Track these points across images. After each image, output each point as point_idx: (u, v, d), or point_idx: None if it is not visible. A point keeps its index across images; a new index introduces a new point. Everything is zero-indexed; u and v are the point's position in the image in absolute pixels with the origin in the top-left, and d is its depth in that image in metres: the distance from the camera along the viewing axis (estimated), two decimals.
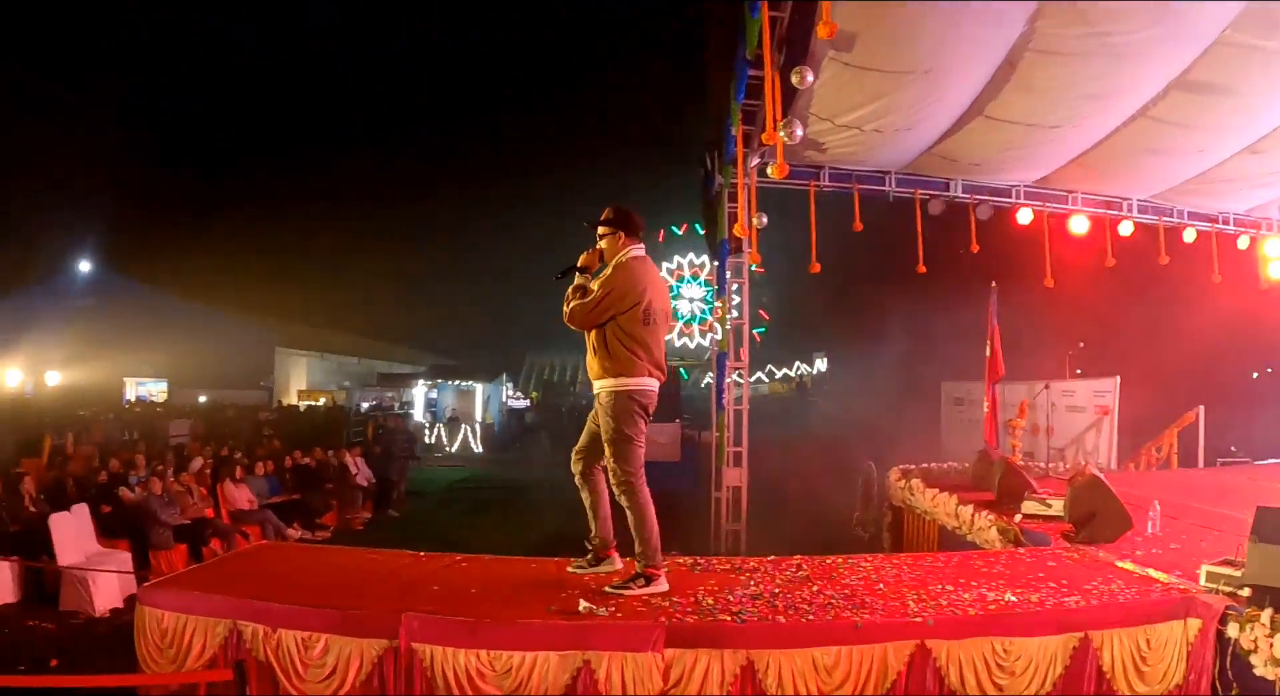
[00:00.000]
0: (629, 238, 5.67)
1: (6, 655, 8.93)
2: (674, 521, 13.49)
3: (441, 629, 4.79)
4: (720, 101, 12.83)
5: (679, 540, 11.71)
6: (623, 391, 5.55)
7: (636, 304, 5.49)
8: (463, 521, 17.64)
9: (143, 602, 5.46)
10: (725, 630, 4.76)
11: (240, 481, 14.41)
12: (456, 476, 25.93)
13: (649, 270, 5.67)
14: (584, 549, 6.00)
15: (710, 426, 15.29)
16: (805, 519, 13.09)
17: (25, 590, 11.06)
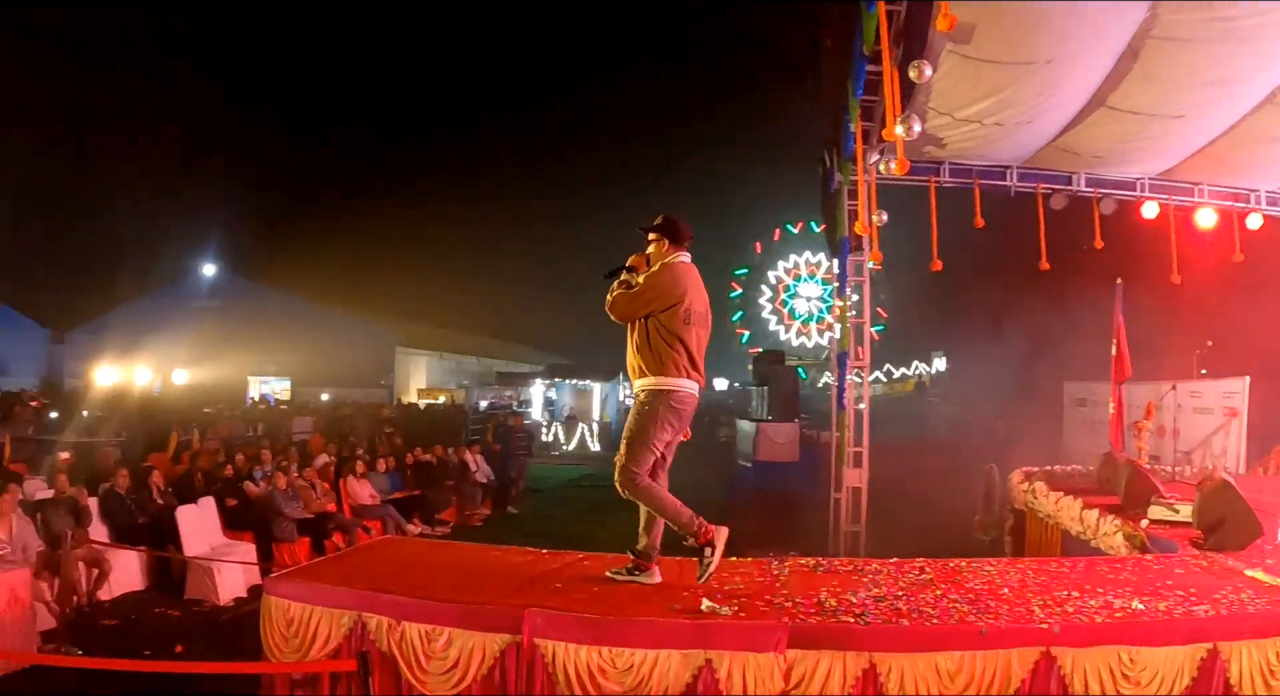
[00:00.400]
0: (674, 245, 5.84)
1: (133, 640, 9.24)
2: (793, 522, 13.52)
3: (565, 625, 4.82)
4: (838, 98, 12.72)
5: (798, 541, 11.67)
6: (662, 392, 5.66)
7: (677, 303, 5.61)
8: (580, 519, 17.72)
9: (269, 593, 5.57)
10: (848, 632, 4.71)
11: (362, 477, 14.68)
12: (574, 474, 26.08)
13: (691, 275, 5.79)
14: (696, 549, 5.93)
15: (828, 426, 15.18)
16: (924, 521, 12.90)
17: (152, 579, 11.42)
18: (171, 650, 8.91)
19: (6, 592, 8.35)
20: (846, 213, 13.07)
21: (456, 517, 16.45)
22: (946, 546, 8.50)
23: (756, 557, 6.39)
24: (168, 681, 7.41)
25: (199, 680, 7.38)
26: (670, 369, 5.61)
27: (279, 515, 12.31)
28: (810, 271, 32.02)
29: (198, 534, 11.59)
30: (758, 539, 11.89)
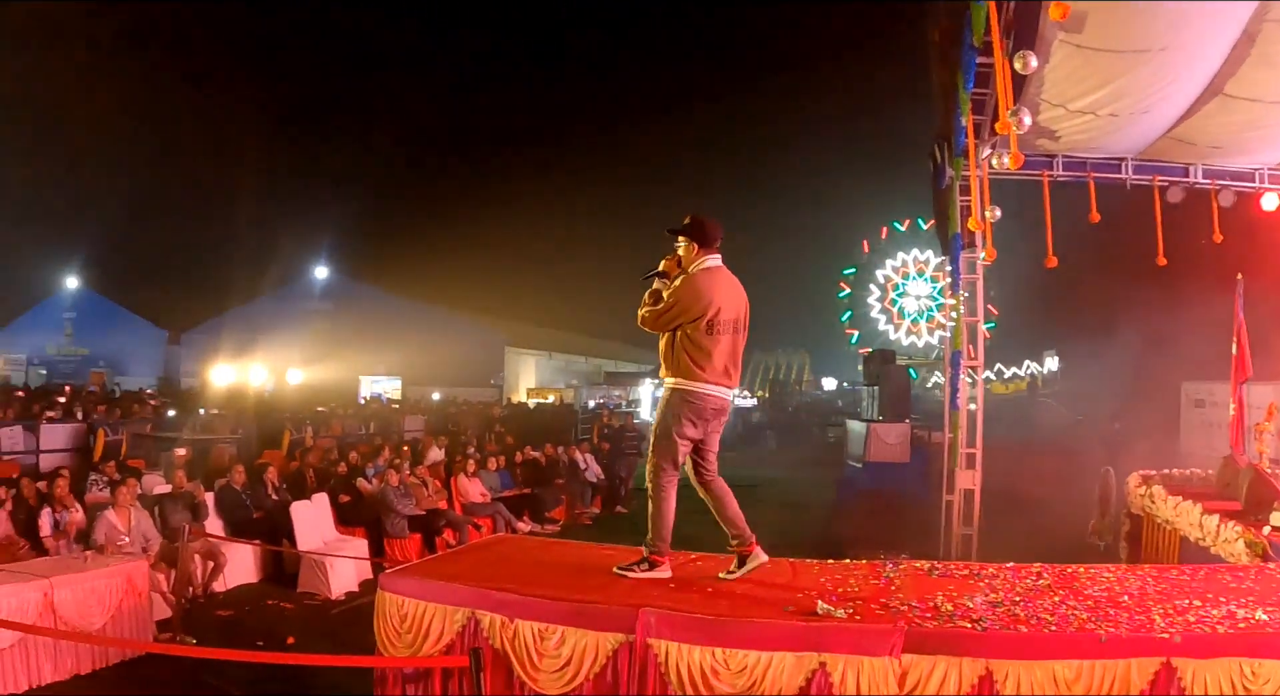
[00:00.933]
0: (703, 248, 5.88)
1: (246, 631, 9.47)
2: (904, 524, 13.36)
3: (678, 625, 4.79)
4: (948, 92, 12.53)
5: (909, 543, 11.52)
6: (680, 391, 5.83)
7: (700, 316, 5.69)
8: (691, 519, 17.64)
9: (384, 588, 5.62)
10: (965, 637, 4.61)
11: (473, 475, 14.87)
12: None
13: (718, 282, 5.83)
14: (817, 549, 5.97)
15: (939, 427, 14.96)
16: (1038, 525, 12.65)
17: (266, 572, 11.78)
18: (283, 641, 9.11)
19: (125, 583, 8.60)
20: (959, 209, 12.86)
21: (566, 516, 16.56)
22: (1060, 551, 8.30)
23: (869, 560, 6.29)
24: (280, 672, 7.56)
25: (311, 671, 7.51)
26: (693, 372, 5.75)
27: (391, 511, 12.51)
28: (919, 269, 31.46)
29: (311, 529, 11.85)
30: (869, 541, 11.78)
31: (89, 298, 53.84)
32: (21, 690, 7.60)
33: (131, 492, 10.18)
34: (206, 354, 42.15)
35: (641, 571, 5.82)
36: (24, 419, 17.91)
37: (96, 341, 51.43)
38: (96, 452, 14.98)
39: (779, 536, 14.73)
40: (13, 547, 9.80)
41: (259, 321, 43.95)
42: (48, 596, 7.92)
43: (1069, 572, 6.02)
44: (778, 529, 16.05)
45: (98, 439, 15.48)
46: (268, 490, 12.52)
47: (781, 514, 18.21)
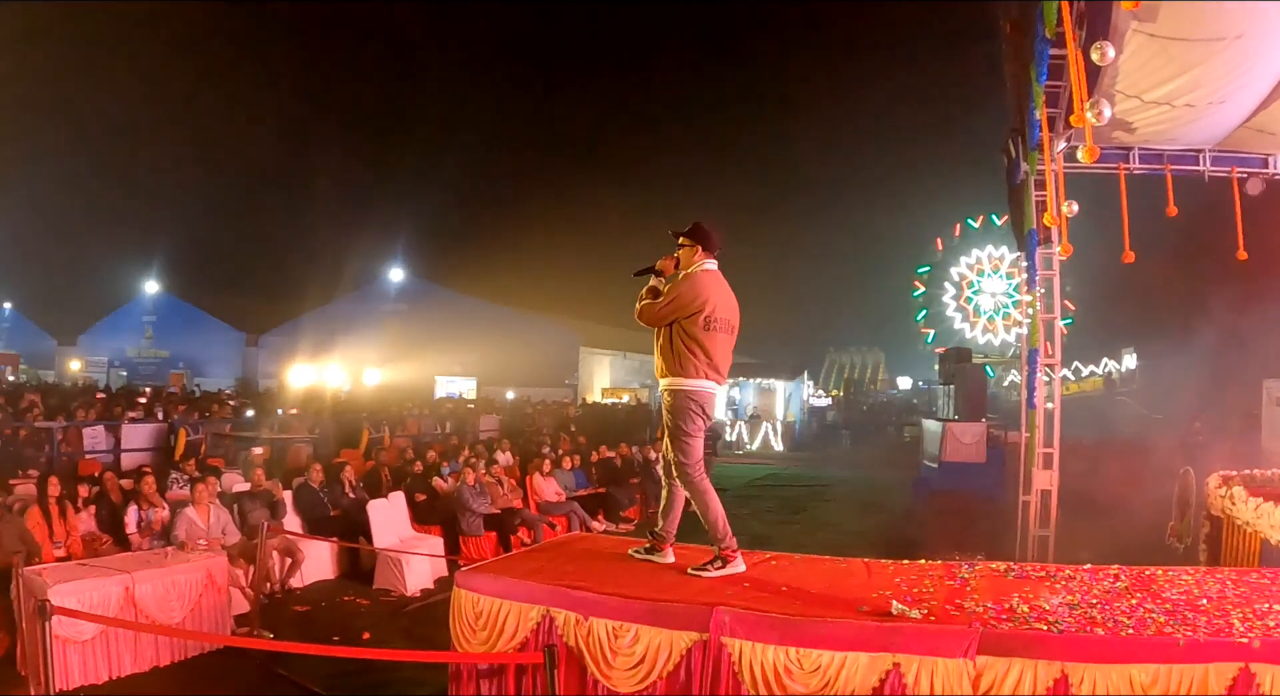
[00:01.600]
0: (704, 252, 6.13)
1: (323, 626, 9.61)
2: (979, 524, 13.24)
3: (753, 624, 4.78)
4: (1020, 85, 12.37)
5: (984, 544, 11.41)
6: (680, 390, 6.03)
7: (698, 311, 5.91)
8: (765, 518, 17.72)
9: (460, 586, 5.68)
10: (1040, 639, 4.53)
11: (548, 474, 14.95)
12: (758, 474, 26.09)
13: (716, 283, 6.08)
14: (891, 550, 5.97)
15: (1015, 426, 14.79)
16: (1115, 526, 12.47)
17: (342, 568, 11.93)
18: (359, 636, 9.21)
19: (204, 578, 8.80)
20: (1034, 204, 12.69)
21: (640, 515, 16.60)
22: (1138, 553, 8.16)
23: (944, 561, 6.24)
24: (355, 666, 7.66)
25: (386, 666, 7.61)
26: (689, 370, 5.97)
27: (466, 510, 12.60)
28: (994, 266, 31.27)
29: (387, 527, 12.00)
30: (944, 541, 11.69)
31: (169, 301, 54.83)
32: (102, 681, 7.77)
33: (211, 490, 10.37)
34: (284, 355, 42.80)
35: (715, 570, 5.90)
36: (106, 419, 18.26)
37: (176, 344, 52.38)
38: (178, 451, 15.24)
39: (853, 536, 14.78)
40: (95, 543, 10.03)
41: (336, 323, 44.50)
42: (129, 590, 8.13)
43: (1147, 575, 5.93)
44: (852, 529, 16.09)
45: (179, 438, 15.75)
46: (345, 489, 12.69)
47: (856, 514, 18.19)
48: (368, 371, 41.04)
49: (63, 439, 15.73)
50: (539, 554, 6.57)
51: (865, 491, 22.25)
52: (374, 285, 49.38)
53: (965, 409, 19.41)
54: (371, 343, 42.54)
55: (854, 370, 67.88)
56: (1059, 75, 10.81)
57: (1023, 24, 11.51)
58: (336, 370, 38.11)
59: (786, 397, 38.89)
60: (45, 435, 15.63)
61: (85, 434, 16.39)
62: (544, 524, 13.28)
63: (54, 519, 9.76)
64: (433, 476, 14.07)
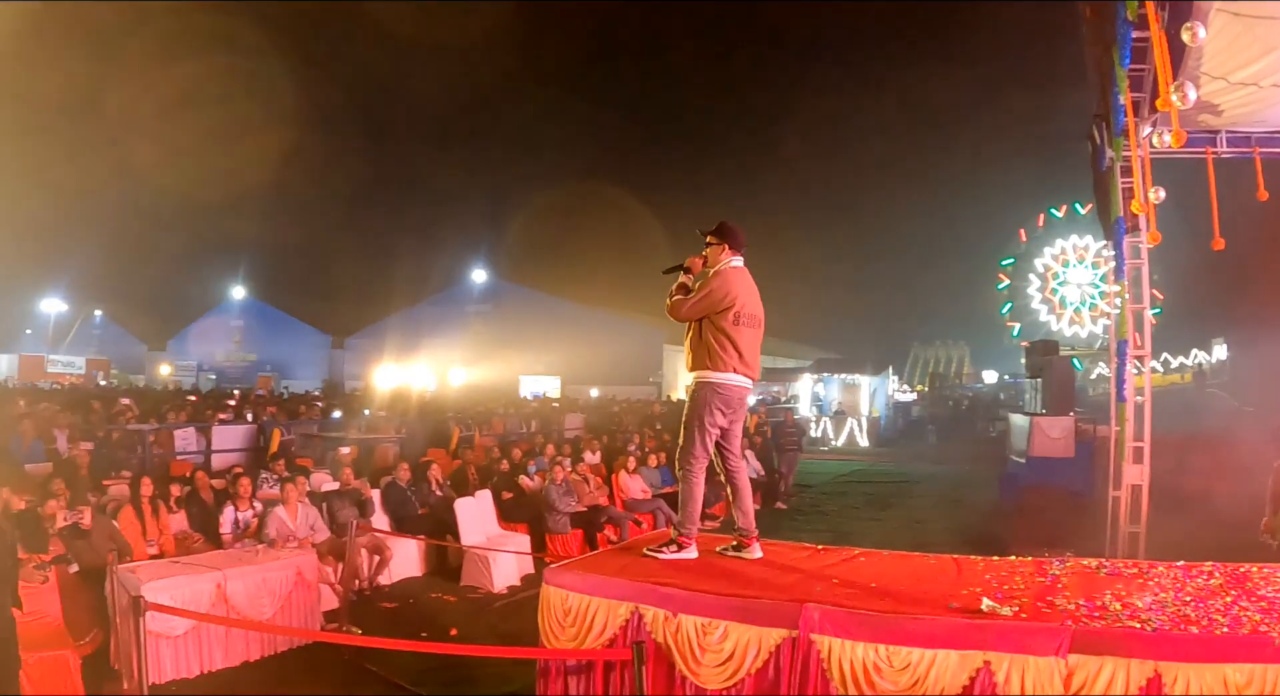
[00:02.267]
0: (731, 250, 6.31)
1: (410, 622, 9.70)
2: (1068, 520, 13.03)
3: (842, 621, 4.76)
4: (1103, 70, 12.14)
5: (1073, 541, 11.24)
6: (708, 383, 6.20)
7: (729, 307, 6.11)
8: (850, 514, 17.65)
9: (549, 583, 5.72)
10: (1133, 638, 4.44)
11: (634, 472, 15.00)
12: (843, 470, 25.99)
13: (743, 279, 6.29)
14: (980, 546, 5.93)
15: (1104, 419, 14.54)
16: (1206, 522, 12.20)
17: (430, 566, 12.07)
18: (447, 633, 9.28)
19: (294, 575, 8.97)
20: (1120, 191, 12.47)
21: (725, 513, 16.50)
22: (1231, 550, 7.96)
23: (1034, 557, 6.16)
24: (443, 662, 7.73)
25: (473, 662, 7.66)
26: (719, 364, 6.15)
27: (553, 508, 12.66)
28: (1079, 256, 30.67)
29: (474, 525, 12.10)
30: (1032, 538, 11.53)
31: (256, 306, 55.88)
32: (193, 675, 7.96)
33: (301, 490, 10.54)
34: (369, 357, 43.39)
35: (670, 552, 6.17)
36: (196, 421, 18.61)
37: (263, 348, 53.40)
38: (272, 448, 15.54)
39: (940, 532, 14.65)
40: (188, 541, 10.22)
41: (421, 324, 45.09)
42: (220, 587, 8.33)
43: (1241, 572, 5.78)
44: (939, 525, 15.95)
45: (273, 437, 16.03)
46: (431, 487, 12.80)
47: (942, 509, 18.04)
48: (453, 371, 41.41)
49: (155, 441, 16.05)
50: (627, 551, 6.58)
51: (952, 487, 22.07)
52: (458, 287, 49.94)
53: (1053, 402, 19.12)
54: (456, 343, 43.03)
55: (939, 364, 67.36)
56: (1142, 58, 10.63)
57: (1103, 7, 11.31)
58: (422, 371, 38.47)
59: (871, 393, 38.62)
60: (138, 437, 15.93)
61: (176, 435, 16.73)
62: (630, 521, 13.30)
63: (147, 518, 9.97)
64: (519, 474, 14.18)
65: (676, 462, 6.55)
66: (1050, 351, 21.60)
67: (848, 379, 38.48)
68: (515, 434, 22.15)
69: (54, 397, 25.38)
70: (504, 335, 43.08)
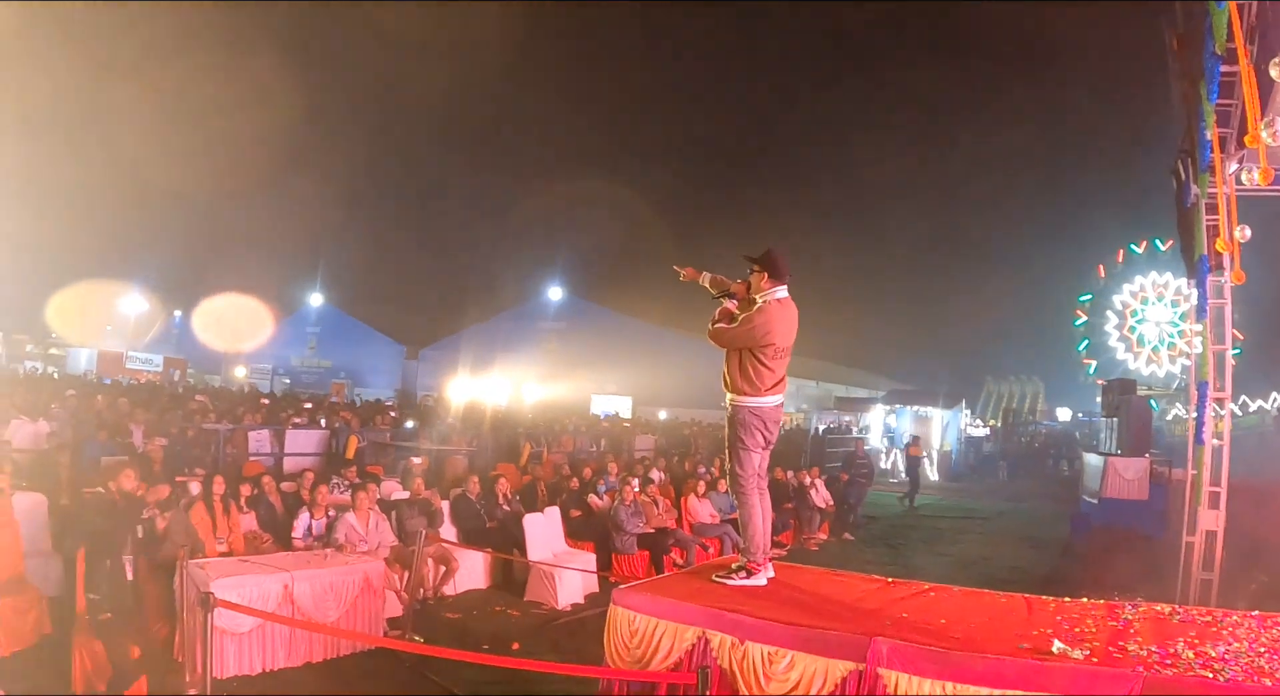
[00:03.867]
0: (772, 280, 6.34)
1: (473, 634, 9.76)
2: (1140, 564, 12.83)
3: (911, 656, 4.72)
4: (1190, 104, 12.00)
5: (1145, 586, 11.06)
6: (745, 406, 6.32)
7: (772, 343, 6.22)
8: (919, 548, 17.51)
9: (616, 603, 5.74)
10: (1205, 686, 4.37)
11: (703, 496, 15.00)
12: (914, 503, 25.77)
13: (785, 313, 6.33)
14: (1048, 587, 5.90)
15: (1179, 462, 14.32)
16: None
17: (495, 579, 12.12)
18: (509, 646, 9.33)
19: (361, 580, 9.08)
20: (1205, 228, 12.28)
21: (793, 541, 16.55)
22: None
23: (1107, 600, 6.09)
24: (505, 676, 7.77)
25: (534, 678, 7.69)
26: (758, 389, 6.27)
27: (620, 529, 12.68)
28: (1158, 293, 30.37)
29: (541, 541, 12.15)
30: (1103, 581, 11.38)
31: (332, 313, 56.55)
32: (255, 672, 8.09)
33: (371, 497, 10.66)
34: (442, 369, 43.77)
35: (740, 579, 6.19)
36: (271, 424, 18.85)
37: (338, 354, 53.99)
38: (349, 452, 15.74)
39: (1009, 570, 14.51)
40: (258, 541, 10.37)
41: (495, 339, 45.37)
42: (288, 588, 8.46)
43: None
44: (1008, 563, 15.78)
45: (350, 443, 16.21)
46: (500, 501, 12.88)
47: (1012, 547, 17.85)
48: (525, 387, 41.61)
49: (229, 440, 16.29)
50: (696, 575, 6.58)
51: (1022, 525, 21.82)
52: (533, 303, 50.24)
53: (1128, 443, 18.86)
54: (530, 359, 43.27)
55: (1012, 400, 66.52)
56: (1230, 93, 10.48)
57: (1191, 39, 11.19)
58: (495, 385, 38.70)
59: (944, 426, 38.30)
60: (212, 436, 16.18)
61: (250, 437, 16.93)
62: (697, 545, 13.30)
63: (218, 516, 10.13)
64: (588, 493, 14.23)
65: (729, 489, 6.66)
66: (1127, 390, 21.31)
67: (920, 411, 38.17)
68: (585, 452, 22.23)
69: (131, 393, 25.78)
70: (577, 353, 43.22)
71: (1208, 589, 11.49)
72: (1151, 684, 4.38)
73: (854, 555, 16.02)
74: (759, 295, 6.32)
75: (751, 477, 6.38)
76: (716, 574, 6.26)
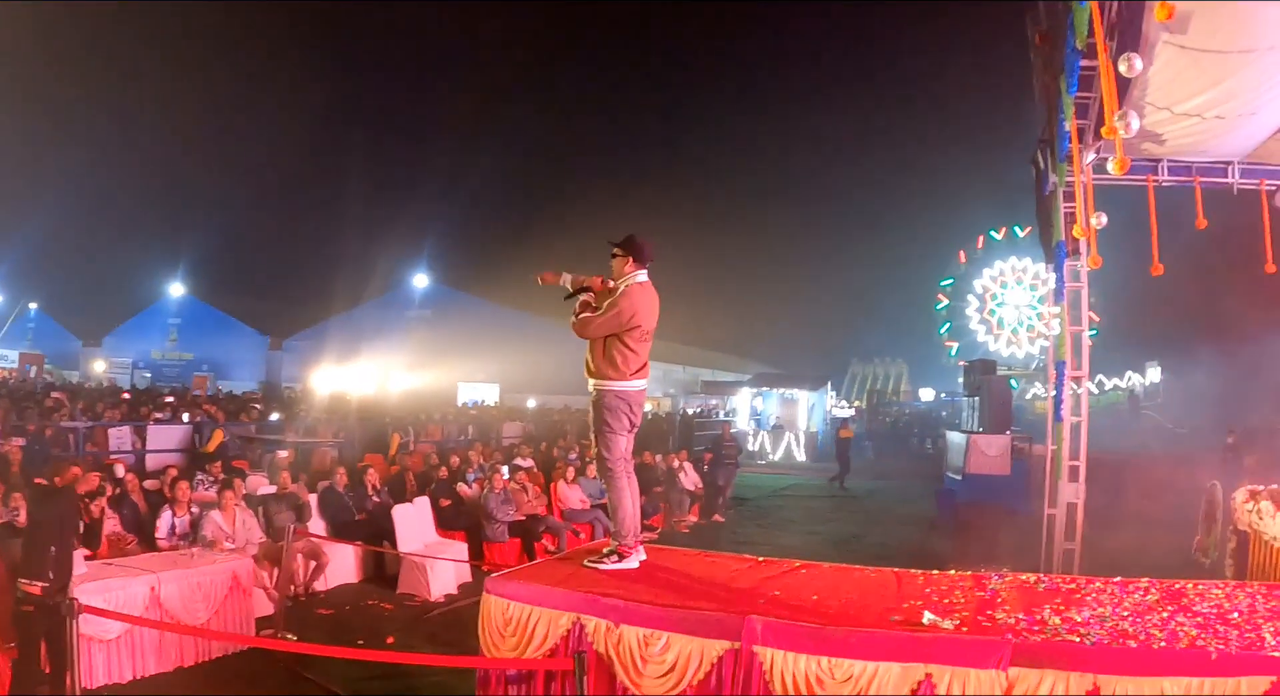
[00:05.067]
0: (636, 263, 6.41)
1: (347, 630, 9.66)
2: (1004, 537, 13.18)
3: (785, 633, 4.76)
4: (1050, 96, 12.32)
5: (1010, 557, 11.37)
6: (610, 391, 6.34)
7: (637, 325, 6.26)
8: (788, 528, 17.75)
9: (490, 592, 5.67)
10: (1073, 651, 4.51)
11: (572, 482, 14.98)
12: (780, 484, 26.10)
13: (647, 295, 6.39)
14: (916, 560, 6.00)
15: (1039, 438, 14.70)
16: (1139, 541, 12.43)
17: (366, 572, 12.04)
18: (384, 640, 9.25)
19: (229, 579, 8.93)
20: (1063, 215, 12.63)
21: (664, 524, 16.63)
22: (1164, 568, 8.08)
23: (974, 572, 6.22)
24: (381, 670, 7.70)
25: (411, 671, 7.64)
26: (624, 373, 6.31)
27: (491, 517, 12.64)
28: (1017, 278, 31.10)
29: (412, 532, 12.04)
30: (969, 554, 11.65)
31: (193, 304, 55.19)
32: (126, 680, 7.87)
33: (238, 493, 10.46)
34: (308, 359, 43.02)
35: (611, 563, 6.17)
36: (131, 420, 18.36)
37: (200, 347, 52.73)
38: (211, 446, 15.37)
39: (878, 547, 14.77)
40: (121, 543, 10.08)
41: (361, 328, 44.74)
42: (154, 590, 8.25)
43: (1176, 588, 5.88)
44: (877, 539, 16.08)
45: (213, 437, 15.84)
46: (369, 492, 12.73)
47: (880, 525, 18.18)
48: (392, 376, 41.16)
49: (89, 438, 15.83)
50: (568, 561, 6.56)
51: (889, 503, 22.26)
52: (398, 291, 49.71)
53: (990, 421, 19.33)
54: (396, 348, 42.69)
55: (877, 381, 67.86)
56: (1089, 86, 10.77)
57: (1053, 35, 11.48)
58: (361, 375, 38.21)
59: (810, 408, 38.84)
60: (71, 435, 15.70)
61: (111, 434, 16.48)
62: (568, 531, 13.33)
63: None
64: (457, 482, 14.13)
65: (598, 473, 6.72)
66: (988, 371, 21.82)
67: (786, 394, 38.68)
68: (453, 441, 22.06)
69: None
70: (444, 341, 42.80)
71: (1070, 558, 11.86)
72: (1021, 650, 4.50)
73: (725, 536, 16.16)
74: (620, 280, 6.38)
75: (619, 461, 6.41)
76: (589, 559, 6.23)
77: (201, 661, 8.44)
